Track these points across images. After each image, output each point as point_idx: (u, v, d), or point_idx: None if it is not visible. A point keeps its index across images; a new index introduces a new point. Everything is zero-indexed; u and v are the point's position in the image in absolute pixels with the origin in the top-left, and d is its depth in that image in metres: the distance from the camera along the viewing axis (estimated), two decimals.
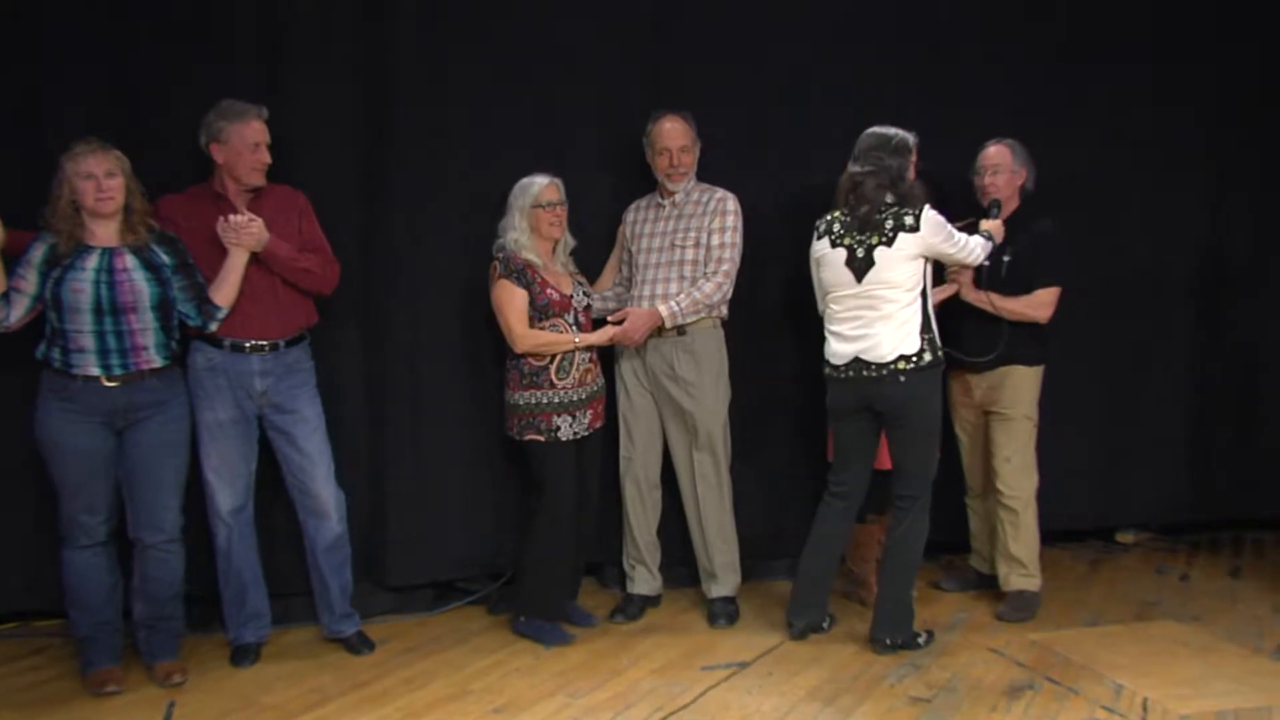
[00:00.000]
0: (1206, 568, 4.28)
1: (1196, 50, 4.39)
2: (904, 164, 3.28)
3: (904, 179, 3.28)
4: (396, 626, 3.69)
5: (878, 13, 4.11)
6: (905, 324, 3.24)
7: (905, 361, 3.23)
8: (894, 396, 3.26)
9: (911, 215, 3.22)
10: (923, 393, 3.26)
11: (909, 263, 3.23)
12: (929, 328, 3.28)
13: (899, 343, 3.24)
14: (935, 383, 3.31)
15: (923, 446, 3.31)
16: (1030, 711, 2.89)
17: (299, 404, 3.33)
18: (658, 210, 3.72)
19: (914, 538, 3.31)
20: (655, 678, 3.20)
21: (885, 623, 3.33)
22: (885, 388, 3.26)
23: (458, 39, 3.70)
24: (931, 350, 3.26)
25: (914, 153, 3.32)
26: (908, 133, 3.33)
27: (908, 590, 3.36)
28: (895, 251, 3.22)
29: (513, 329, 3.41)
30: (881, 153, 3.27)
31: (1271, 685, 3.03)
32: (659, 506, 3.81)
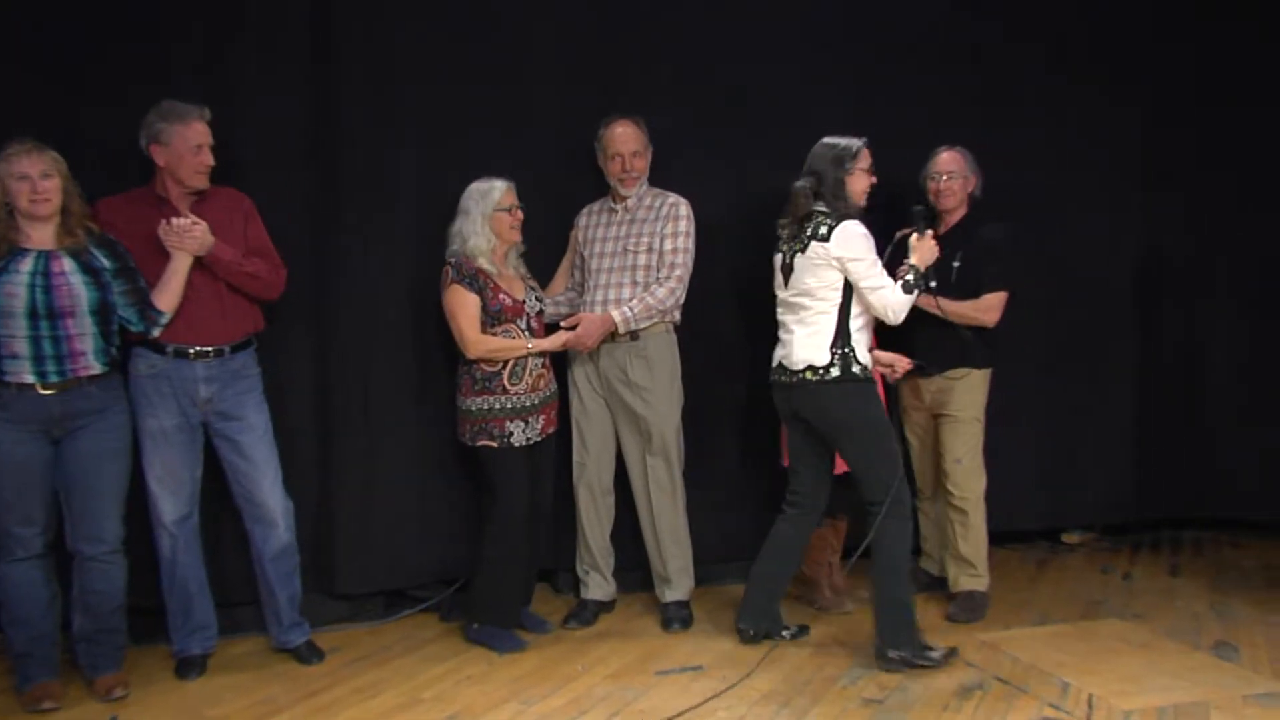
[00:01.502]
0: (1148, 567, 4.38)
1: (1134, 54, 4.50)
2: (841, 174, 3.25)
3: (840, 188, 3.25)
4: (347, 635, 3.64)
5: (827, 17, 4.15)
6: (816, 334, 3.24)
7: (812, 373, 3.24)
8: (809, 405, 3.29)
9: (827, 225, 3.21)
10: (838, 404, 3.23)
11: (821, 271, 3.21)
12: (844, 342, 3.22)
13: (808, 353, 3.25)
14: (853, 395, 3.24)
15: (861, 453, 3.26)
16: (980, 710, 2.93)
17: (245, 411, 3.27)
18: (610, 215, 3.71)
19: (889, 540, 3.22)
20: (609, 683, 3.19)
21: (882, 631, 3.23)
22: (801, 396, 3.30)
23: (406, 42, 3.66)
24: (843, 365, 3.20)
25: (859, 160, 3.29)
26: (856, 140, 3.31)
27: (898, 593, 3.22)
28: (807, 259, 3.24)
29: (465, 334, 3.38)
30: (821, 162, 3.28)
31: (1209, 680, 3.11)
32: (612, 511, 3.80)
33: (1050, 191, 4.39)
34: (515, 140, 3.78)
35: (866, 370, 3.26)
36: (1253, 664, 3.25)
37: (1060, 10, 4.41)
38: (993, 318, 3.72)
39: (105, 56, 3.35)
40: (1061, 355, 4.48)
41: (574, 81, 3.88)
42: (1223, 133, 4.54)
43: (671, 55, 3.97)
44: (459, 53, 3.73)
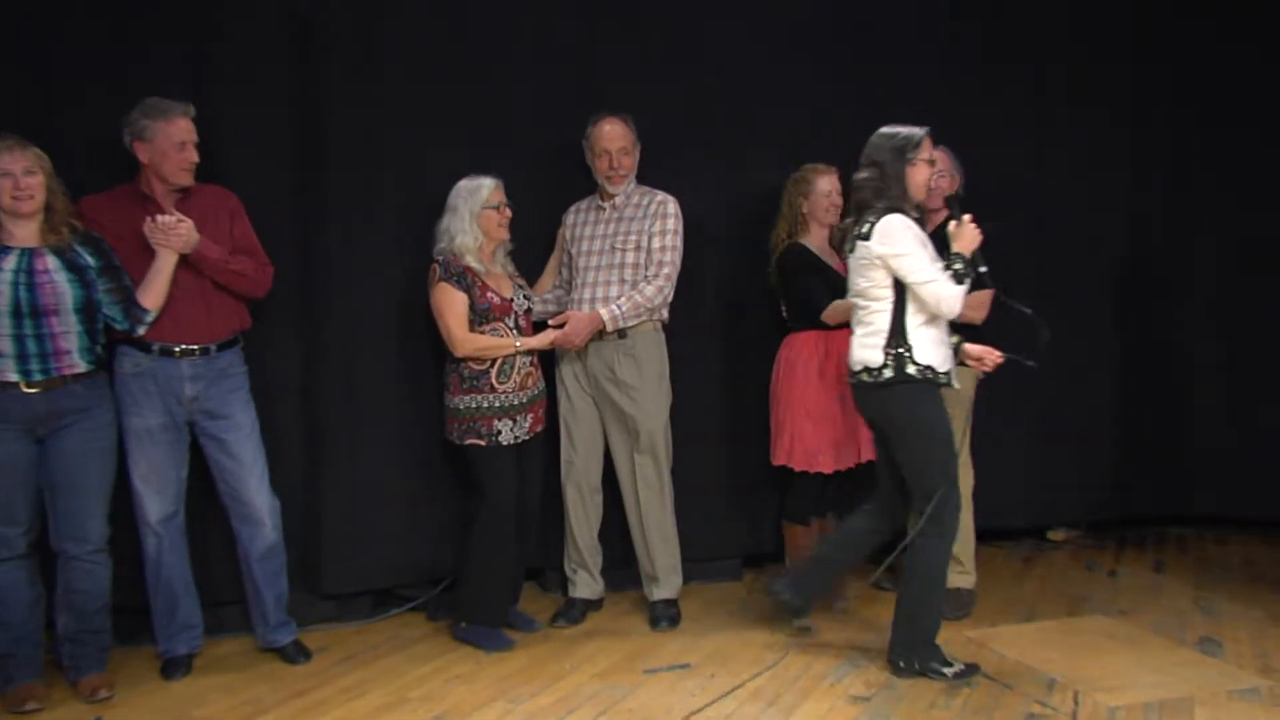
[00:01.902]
0: (1132, 563, 4.40)
1: (1118, 60, 4.53)
2: (903, 165, 3.09)
3: (900, 180, 3.10)
4: (334, 635, 3.63)
5: (817, 17, 4.17)
6: (871, 335, 3.13)
7: (868, 374, 3.13)
8: (867, 405, 3.21)
9: (869, 222, 3.10)
10: (891, 405, 3.12)
11: (869, 270, 3.10)
12: (899, 342, 3.08)
13: (864, 354, 3.15)
14: (905, 396, 3.09)
15: (908, 457, 3.13)
16: (968, 707, 2.94)
17: (232, 409, 3.26)
18: (598, 213, 3.71)
19: (924, 556, 3.11)
20: (597, 681, 3.19)
21: (896, 643, 3.17)
22: (861, 396, 3.22)
23: (393, 40, 3.65)
24: (897, 366, 3.07)
25: (921, 150, 3.12)
26: (918, 130, 3.14)
27: (920, 608, 3.13)
28: (856, 259, 3.14)
29: (453, 333, 3.38)
30: (881, 153, 3.12)
31: (1194, 676, 3.13)
32: (600, 510, 3.80)
33: (1035, 193, 4.41)
34: (503, 138, 3.78)
35: (927, 371, 3.08)
36: (1237, 659, 3.27)
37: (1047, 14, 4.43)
38: (980, 315, 3.72)
39: (89, 54, 3.33)
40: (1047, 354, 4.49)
41: (562, 79, 3.88)
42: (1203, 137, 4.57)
43: (660, 53, 3.97)
44: (446, 50, 3.72)
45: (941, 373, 3.12)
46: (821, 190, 3.73)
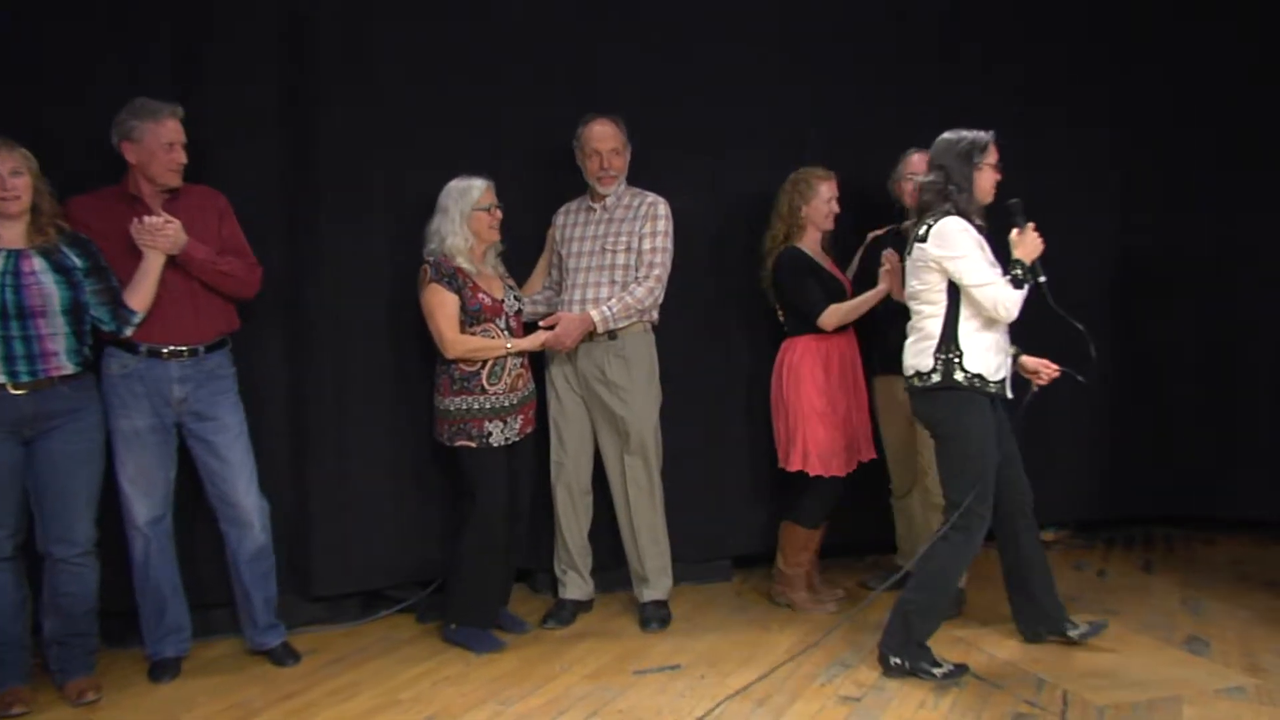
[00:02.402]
0: (1121, 563, 4.42)
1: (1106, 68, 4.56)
2: (970, 169, 3.09)
3: (967, 183, 3.08)
4: (323, 637, 3.62)
5: (805, 19, 4.17)
6: (923, 339, 3.11)
7: (919, 379, 3.11)
8: (917, 410, 3.22)
9: (927, 225, 3.08)
10: (936, 409, 3.11)
11: (923, 273, 3.09)
12: (950, 348, 3.06)
13: (914, 358, 3.14)
14: (950, 402, 3.08)
15: (944, 462, 3.14)
16: (957, 707, 2.95)
17: (220, 411, 3.24)
18: (588, 214, 3.71)
19: (939, 556, 3.11)
20: (588, 683, 3.18)
21: (889, 639, 3.16)
22: (913, 400, 3.21)
23: (383, 40, 3.64)
24: (945, 371, 3.05)
25: (988, 155, 3.11)
26: (983, 134, 3.12)
27: (923, 611, 3.11)
28: (912, 261, 3.13)
29: (444, 334, 3.37)
30: (947, 157, 3.11)
31: (1181, 676, 3.14)
32: (590, 511, 3.80)
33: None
34: (493, 139, 3.78)
35: (975, 379, 3.06)
36: (1223, 658, 3.29)
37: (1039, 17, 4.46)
38: None
39: (75, 55, 3.31)
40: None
41: (553, 80, 3.88)
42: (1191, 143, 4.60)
43: (653, 55, 3.98)
44: (438, 50, 3.72)
45: (992, 381, 3.09)
46: (823, 196, 3.74)
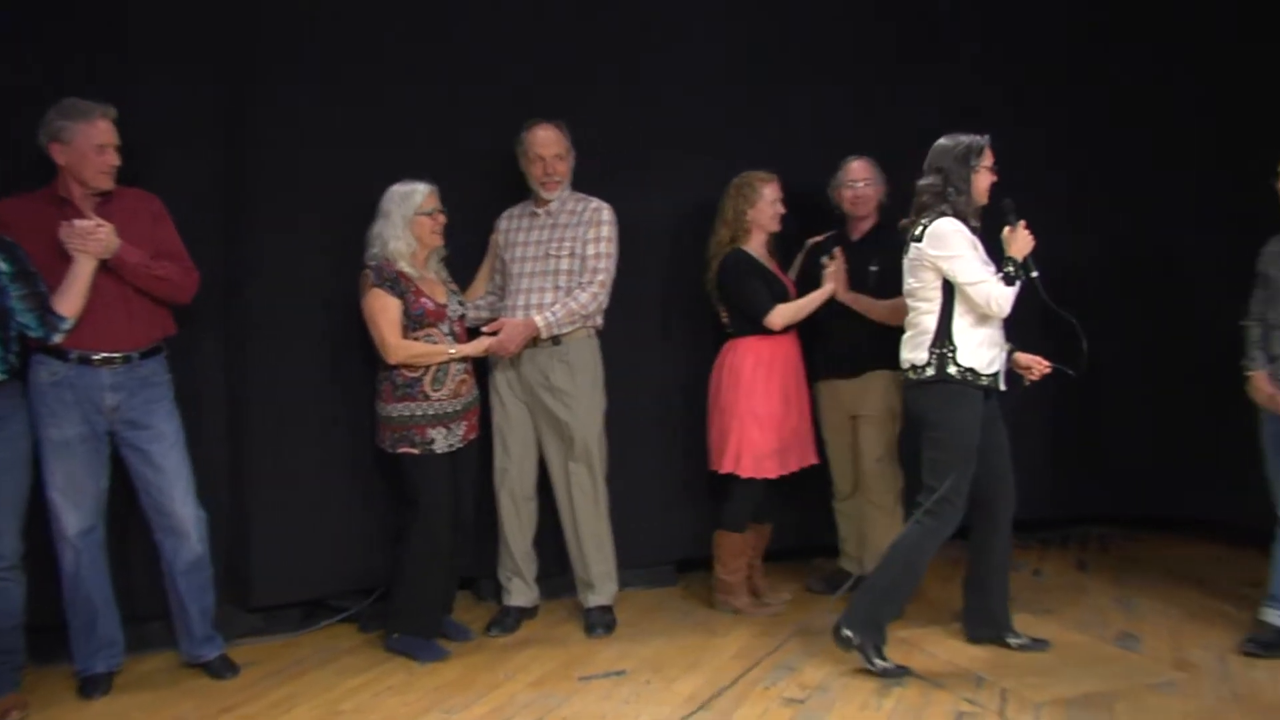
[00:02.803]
0: (1056, 563, 4.52)
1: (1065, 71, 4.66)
2: (967, 171, 3.20)
3: (965, 186, 3.20)
4: (262, 648, 3.55)
5: (755, 25, 4.22)
6: (919, 334, 3.23)
7: (914, 371, 3.23)
8: (910, 402, 3.33)
9: (923, 225, 3.19)
10: (927, 401, 3.22)
11: (919, 272, 3.20)
12: (944, 343, 3.17)
13: (910, 352, 3.26)
14: (941, 395, 3.19)
15: (929, 456, 3.23)
16: (899, 707, 2.98)
17: (155, 419, 3.17)
18: (532, 219, 3.70)
19: (914, 537, 3.20)
20: (533, 690, 3.17)
21: (851, 614, 3.21)
22: (906, 393, 3.35)
23: (322, 39, 3.60)
24: (939, 365, 3.17)
25: (984, 158, 3.23)
26: (979, 138, 3.24)
27: (889, 591, 3.21)
28: (909, 259, 3.24)
29: (386, 340, 3.33)
30: (945, 159, 3.22)
31: (1115, 672, 3.22)
32: (535, 517, 3.78)
33: None
34: (436, 143, 3.74)
35: (968, 373, 3.17)
36: (1154, 653, 3.38)
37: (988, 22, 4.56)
38: (899, 319, 3.81)
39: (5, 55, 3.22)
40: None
41: (496, 84, 3.86)
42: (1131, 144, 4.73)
43: (595, 59, 3.98)
44: (377, 52, 3.68)
45: (985, 375, 3.20)
46: (767, 198, 3.77)
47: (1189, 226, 4.61)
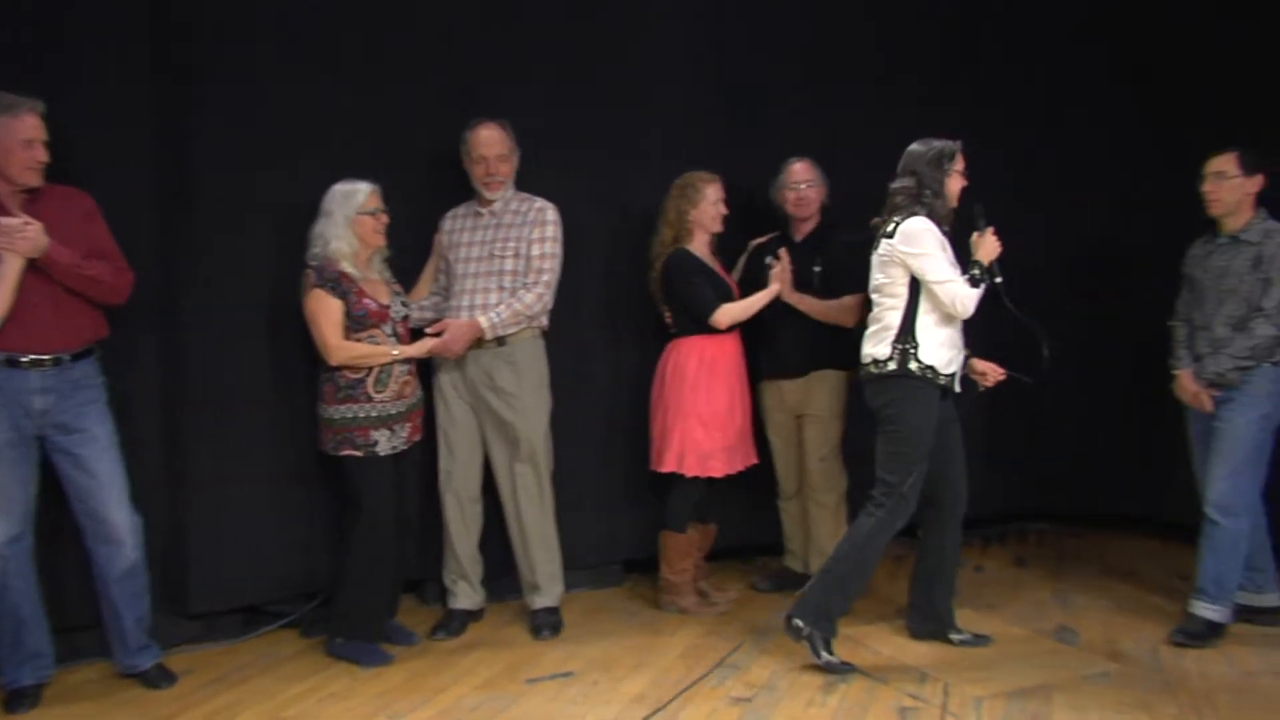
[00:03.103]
0: (997, 559, 4.61)
1: (960, 73, 4.74)
2: (941, 175, 3.28)
3: (940, 189, 3.28)
4: (201, 656, 3.48)
5: (693, 27, 4.23)
6: (882, 329, 3.29)
7: (875, 366, 3.29)
8: (868, 395, 3.36)
9: (895, 223, 3.26)
10: (885, 395, 3.27)
11: (888, 267, 3.27)
12: (907, 339, 3.24)
13: (872, 346, 3.32)
14: (900, 389, 3.24)
15: (883, 447, 3.30)
16: (845, 703, 3.02)
17: (87, 423, 3.08)
18: (476, 219, 3.67)
19: (868, 530, 3.25)
20: (479, 693, 3.14)
21: (803, 604, 3.25)
22: (865, 387, 3.38)
23: (261, 34, 3.52)
24: (901, 360, 3.23)
25: (956, 162, 3.31)
26: (951, 143, 3.32)
27: (842, 581, 3.25)
28: (879, 255, 3.30)
29: (327, 341, 3.28)
30: (919, 163, 3.29)
31: (1052, 664, 3.30)
32: (480, 519, 3.75)
33: None
34: (378, 141, 3.70)
35: (929, 370, 3.24)
36: (1090, 646, 3.46)
37: (908, 29, 4.62)
38: (851, 319, 3.86)
39: None
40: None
41: (438, 83, 3.83)
42: None
43: (539, 58, 3.96)
44: (320, 50, 3.62)
45: (943, 374, 3.27)
46: (709, 198, 3.79)
47: (1124, 227, 4.72)
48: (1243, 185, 3.45)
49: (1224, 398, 3.46)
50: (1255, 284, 3.42)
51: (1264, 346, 3.38)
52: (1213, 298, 3.53)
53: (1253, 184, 3.45)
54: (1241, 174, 3.44)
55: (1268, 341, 3.38)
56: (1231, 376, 3.42)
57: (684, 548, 3.85)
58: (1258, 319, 3.40)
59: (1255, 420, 3.41)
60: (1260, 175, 3.45)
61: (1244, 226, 3.48)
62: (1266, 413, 3.41)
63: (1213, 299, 3.53)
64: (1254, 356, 3.39)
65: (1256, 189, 3.47)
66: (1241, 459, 3.41)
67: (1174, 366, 3.64)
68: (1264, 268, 3.41)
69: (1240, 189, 3.45)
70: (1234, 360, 3.42)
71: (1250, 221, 3.48)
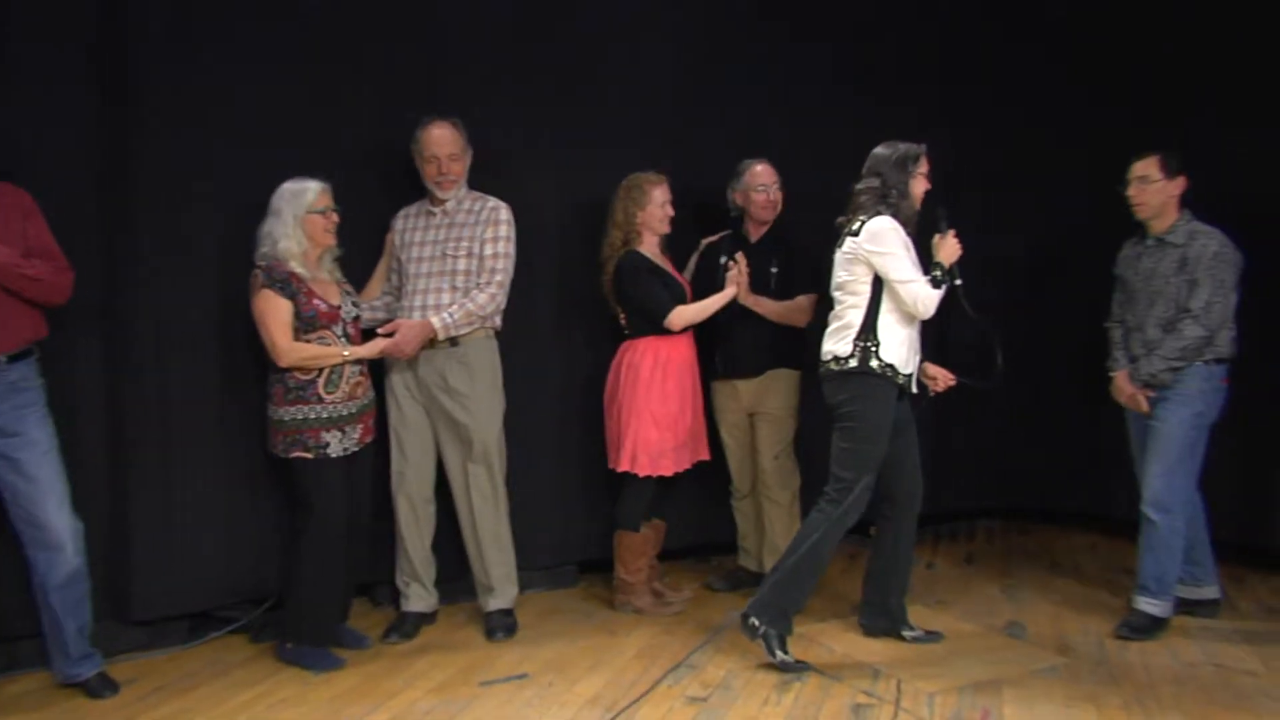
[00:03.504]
0: (947, 555, 4.67)
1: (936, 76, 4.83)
2: (905, 177, 3.32)
3: (904, 190, 3.32)
4: (146, 664, 3.40)
5: (647, 25, 4.23)
6: (844, 327, 3.32)
7: (835, 362, 3.31)
8: (824, 390, 3.38)
9: (860, 222, 3.29)
10: (844, 391, 3.30)
11: (851, 265, 3.30)
12: (868, 337, 3.27)
13: (833, 344, 3.34)
14: (860, 386, 3.28)
15: (840, 446, 3.32)
16: (799, 701, 3.04)
17: (25, 426, 3.00)
18: (428, 219, 3.64)
19: (821, 528, 3.27)
20: (433, 697, 3.11)
21: (759, 603, 3.27)
22: (824, 384, 3.39)
23: (208, 34, 3.45)
24: (862, 358, 3.27)
25: (920, 165, 3.35)
26: (916, 145, 3.36)
27: (796, 577, 3.27)
28: (842, 254, 3.34)
29: (276, 342, 3.23)
30: (884, 165, 3.33)
31: (1002, 659, 3.35)
32: (433, 521, 3.72)
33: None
34: (327, 139, 3.64)
35: (889, 369, 3.28)
36: (1038, 640, 3.52)
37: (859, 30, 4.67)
38: (804, 319, 3.89)
39: None
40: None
41: (390, 80, 3.78)
42: None
43: (494, 57, 3.94)
44: (270, 46, 3.56)
45: (902, 373, 3.31)
46: (656, 200, 3.79)
47: (1069, 229, 4.81)
48: (1165, 188, 3.50)
49: (1158, 398, 3.53)
50: (1182, 285, 3.47)
51: (1193, 347, 3.44)
52: (1143, 299, 3.59)
53: (1175, 186, 3.50)
54: (1164, 177, 3.50)
55: (1196, 342, 3.44)
56: (1164, 377, 3.48)
57: (638, 547, 3.85)
58: (1186, 320, 3.45)
59: (1188, 419, 3.47)
60: (1182, 177, 3.51)
61: (1169, 229, 3.53)
62: (1199, 410, 3.48)
63: (1143, 300, 3.59)
64: (1184, 357, 3.45)
65: (1179, 191, 3.51)
66: (1175, 458, 3.47)
67: (1111, 368, 3.70)
68: (1189, 269, 3.46)
69: (1163, 192, 3.51)
70: (1165, 361, 3.47)
71: (1175, 224, 3.53)
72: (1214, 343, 3.45)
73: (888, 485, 3.43)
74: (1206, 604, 3.70)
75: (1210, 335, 3.43)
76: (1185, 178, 3.51)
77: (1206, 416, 3.50)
